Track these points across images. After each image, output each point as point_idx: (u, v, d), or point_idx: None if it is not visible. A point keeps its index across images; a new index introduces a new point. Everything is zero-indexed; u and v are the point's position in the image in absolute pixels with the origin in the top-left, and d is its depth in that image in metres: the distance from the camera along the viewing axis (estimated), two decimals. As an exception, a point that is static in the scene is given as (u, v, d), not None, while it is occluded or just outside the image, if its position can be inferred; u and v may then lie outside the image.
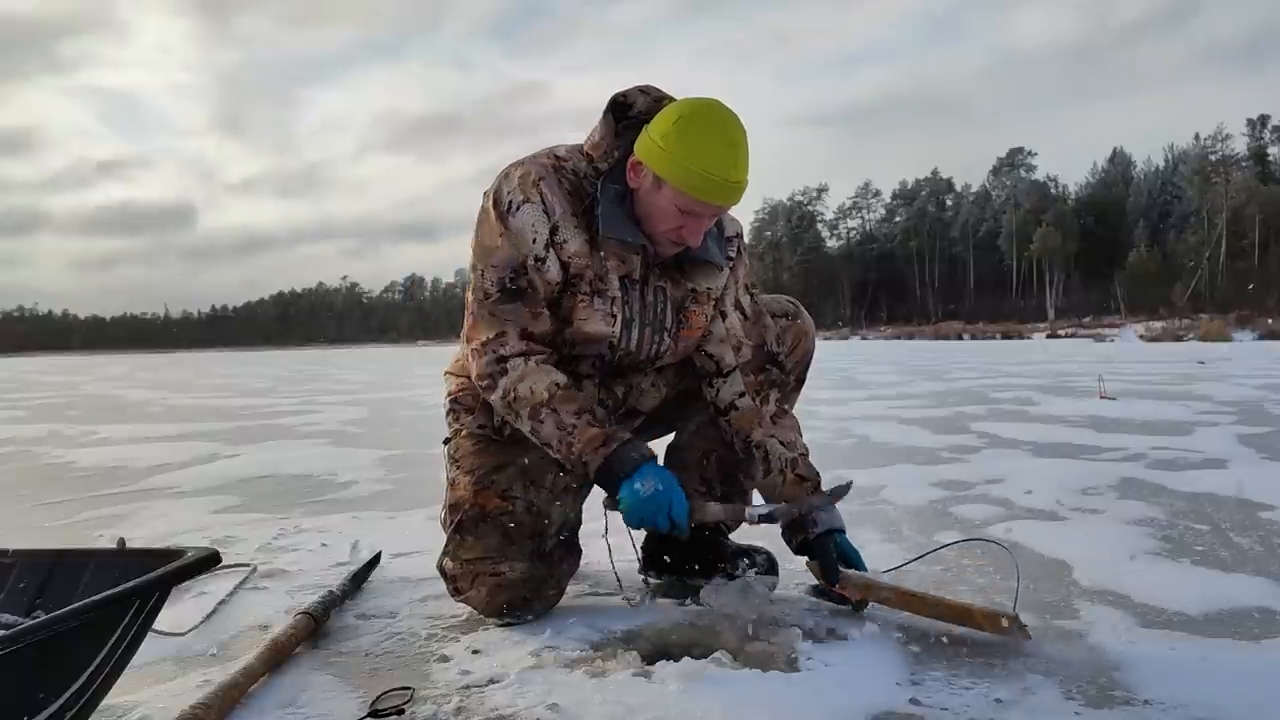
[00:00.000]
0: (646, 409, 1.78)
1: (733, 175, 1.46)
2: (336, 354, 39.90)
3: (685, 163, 1.44)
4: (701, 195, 1.46)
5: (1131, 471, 3.18)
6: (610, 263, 1.58)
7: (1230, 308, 41.51)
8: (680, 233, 1.53)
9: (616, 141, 1.58)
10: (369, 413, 6.78)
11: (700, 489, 1.82)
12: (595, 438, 1.48)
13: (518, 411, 1.52)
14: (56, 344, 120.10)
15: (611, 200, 1.55)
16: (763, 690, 1.25)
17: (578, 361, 1.64)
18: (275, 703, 1.26)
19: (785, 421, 1.72)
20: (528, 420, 1.52)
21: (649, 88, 1.59)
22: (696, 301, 1.67)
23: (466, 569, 1.58)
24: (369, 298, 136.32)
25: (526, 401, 1.51)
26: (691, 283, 1.66)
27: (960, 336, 43.55)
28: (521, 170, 1.56)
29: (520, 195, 1.53)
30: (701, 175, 1.44)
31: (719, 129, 1.46)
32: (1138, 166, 75.68)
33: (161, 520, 2.68)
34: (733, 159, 1.46)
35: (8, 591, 1.23)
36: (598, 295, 1.58)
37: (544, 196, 1.54)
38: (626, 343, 1.62)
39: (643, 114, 1.57)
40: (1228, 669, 1.34)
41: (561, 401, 1.50)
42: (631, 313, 1.61)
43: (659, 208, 1.51)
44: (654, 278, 1.63)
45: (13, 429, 6.09)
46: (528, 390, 1.51)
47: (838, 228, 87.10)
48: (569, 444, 1.49)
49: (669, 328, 1.66)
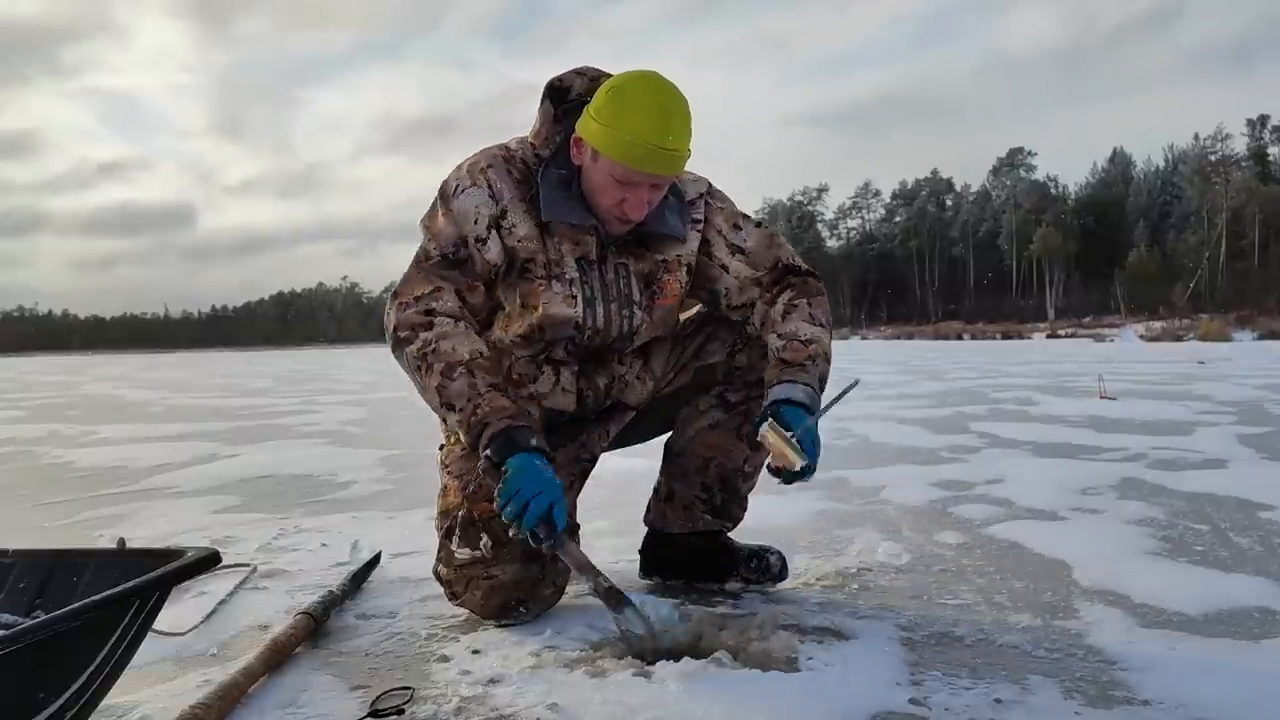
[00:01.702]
0: (634, 403, 1.76)
1: (666, 142, 1.45)
2: (336, 354, 39.91)
3: (617, 132, 1.45)
4: (634, 164, 1.46)
5: (1131, 471, 3.18)
6: (564, 245, 1.58)
7: (1230, 308, 41.51)
8: (623, 207, 1.52)
9: (557, 127, 1.60)
10: (369, 413, 6.78)
11: (700, 496, 1.81)
12: (506, 408, 1.43)
13: (431, 365, 1.45)
14: (56, 344, 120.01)
15: (553, 185, 1.56)
16: (763, 690, 1.25)
17: (551, 347, 1.64)
18: (275, 703, 1.26)
19: (793, 315, 1.62)
20: (438, 375, 1.45)
21: (585, 69, 1.61)
22: (668, 270, 1.66)
23: (460, 574, 1.58)
24: (369, 298, 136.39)
25: (444, 357, 1.45)
26: (659, 255, 1.66)
27: (960, 336, 43.57)
28: (471, 160, 1.60)
29: (468, 180, 1.57)
30: (632, 144, 1.44)
31: (650, 95, 1.47)
32: (1137, 166, 75.74)
33: (161, 520, 2.68)
34: (664, 125, 1.45)
35: (8, 591, 1.23)
36: (555, 279, 1.58)
37: (490, 182, 1.56)
38: (593, 321, 1.62)
39: (581, 96, 1.59)
40: (1228, 669, 1.34)
41: (480, 369, 1.45)
42: (593, 292, 1.61)
43: (599, 183, 1.52)
44: (613, 256, 1.63)
45: (13, 429, 6.09)
46: (450, 347, 1.46)
47: (837, 228, 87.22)
48: (475, 404, 1.42)
49: (638, 301, 1.65)
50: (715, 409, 1.77)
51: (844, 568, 1.95)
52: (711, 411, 1.78)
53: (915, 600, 1.71)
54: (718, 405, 1.77)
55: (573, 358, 1.67)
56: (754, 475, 1.82)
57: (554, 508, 1.37)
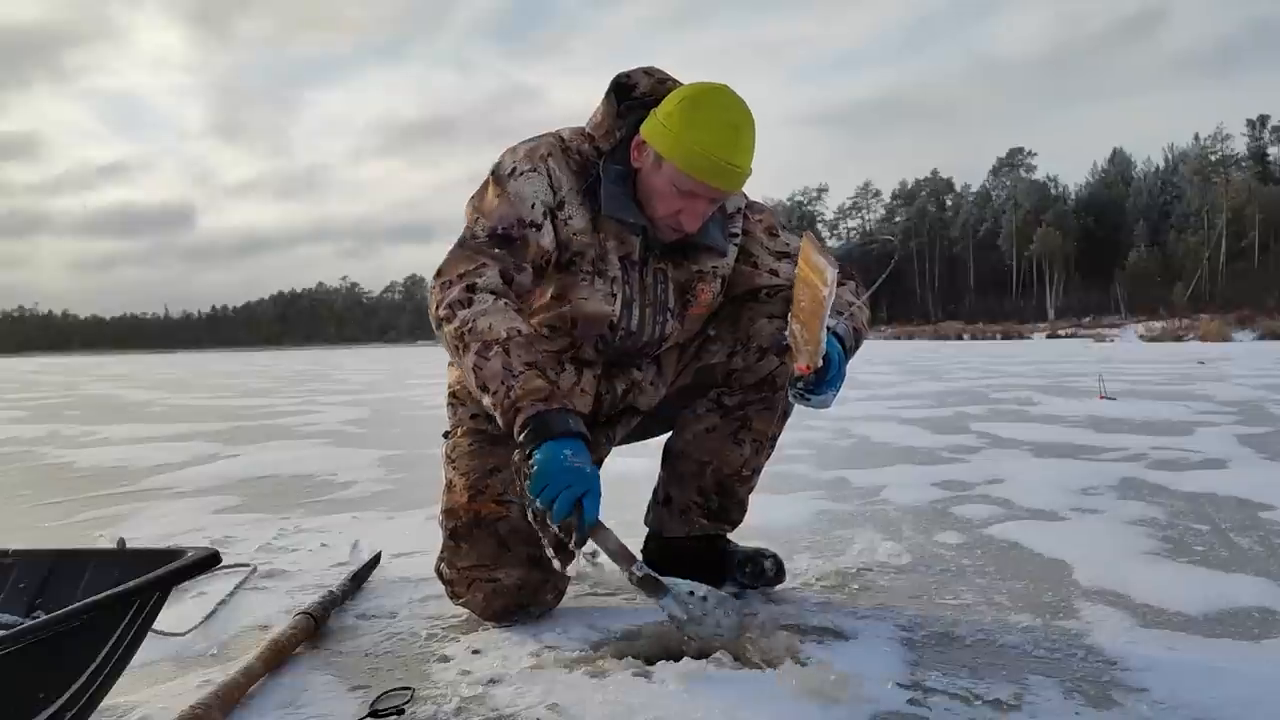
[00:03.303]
0: (644, 407, 1.77)
1: (733, 158, 1.45)
2: (336, 354, 39.91)
3: (685, 142, 1.44)
4: (699, 175, 1.45)
5: (1131, 471, 3.18)
6: (610, 243, 1.57)
7: (1230, 308, 41.49)
8: (679, 217, 1.52)
9: (619, 123, 1.58)
10: (369, 413, 6.78)
11: (697, 501, 1.80)
12: (540, 389, 1.35)
13: (468, 344, 1.39)
14: (57, 344, 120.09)
15: (613, 180, 1.55)
16: (763, 690, 1.25)
17: (580, 345, 1.64)
18: (275, 703, 1.26)
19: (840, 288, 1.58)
20: (473, 355, 1.38)
21: (653, 69, 1.60)
22: (703, 281, 1.66)
23: (462, 575, 1.58)
24: (369, 298, 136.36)
25: (480, 335, 1.38)
26: (696, 265, 1.66)
27: (960, 336, 43.55)
28: (529, 145, 1.57)
29: (526, 164, 1.53)
30: (700, 155, 1.44)
31: (722, 111, 1.46)
32: (1137, 166, 75.73)
33: (161, 520, 2.67)
34: (733, 141, 1.45)
35: (8, 591, 1.23)
36: (599, 275, 1.57)
37: (551, 171, 1.54)
38: (628, 323, 1.62)
39: (646, 95, 1.57)
40: (1228, 669, 1.34)
41: (517, 346, 1.38)
42: (632, 293, 1.61)
43: (658, 189, 1.51)
44: (654, 260, 1.62)
45: (13, 429, 6.09)
46: (486, 325, 1.39)
47: (838, 228, 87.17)
48: (509, 386, 1.35)
49: (672, 308, 1.65)
50: (712, 413, 1.77)
51: (844, 568, 1.95)
52: (708, 415, 1.77)
53: (915, 600, 1.71)
54: (714, 409, 1.77)
55: (599, 359, 1.66)
56: (752, 478, 1.82)
57: (585, 498, 1.30)
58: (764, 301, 1.72)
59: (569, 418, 1.34)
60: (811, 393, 1.44)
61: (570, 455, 1.30)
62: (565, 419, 1.34)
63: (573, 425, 1.34)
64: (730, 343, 1.73)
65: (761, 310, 1.72)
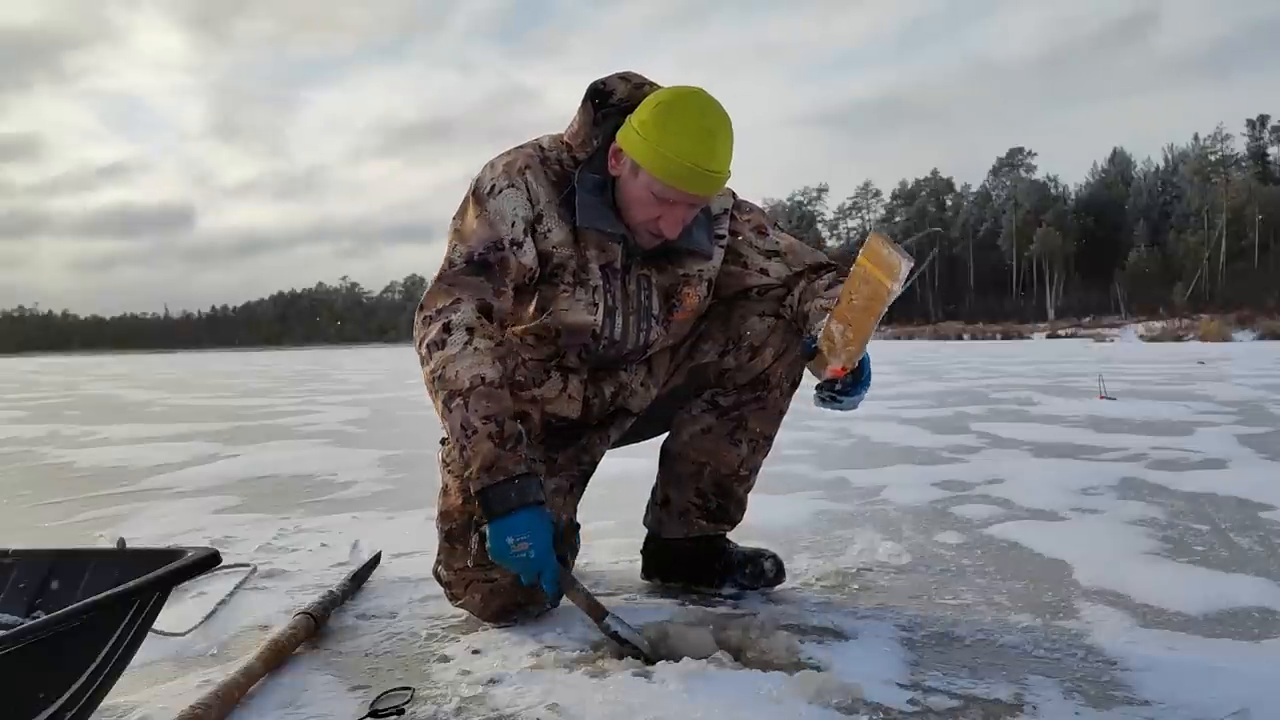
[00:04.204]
0: (636, 409, 1.77)
1: (710, 164, 1.44)
2: (336, 354, 39.91)
3: (661, 149, 1.43)
4: (676, 183, 1.44)
5: (1131, 471, 3.18)
6: (590, 252, 1.57)
7: (1230, 308, 41.49)
8: (659, 224, 1.51)
9: (596, 130, 1.56)
10: (369, 413, 6.78)
11: (695, 502, 1.80)
12: (487, 456, 1.38)
13: (437, 391, 1.43)
14: (57, 344, 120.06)
15: (590, 189, 1.54)
16: (763, 690, 1.25)
17: (564, 353, 1.64)
18: (275, 703, 1.26)
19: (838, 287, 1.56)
20: (441, 403, 1.42)
21: (630, 74, 1.57)
22: (689, 284, 1.66)
23: (459, 576, 1.58)
24: (369, 298, 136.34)
25: (448, 385, 1.41)
26: (681, 269, 1.65)
27: (960, 336, 43.54)
28: (507, 159, 1.56)
29: (504, 180, 1.53)
30: (676, 163, 1.42)
31: (697, 116, 1.45)
32: (1137, 166, 75.74)
33: (161, 520, 2.67)
34: (709, 148, 1.44)
35: (8, 591, 1.23)
36: (580, 285, 1.57)
37: (529, 184, 1.53)
38: (610, 331, 1.61)
39: (623, 101, 1.55)
40: (1228, 669, 1.34)
41: (477, 398, 1.39)
42: (614, 301, 1.60)
43: (637, 196, 1.50)
44: (636, 266, 1.62)
45: (13, 429, 6.09)
46: (453, 374, 1.41)
47: (838, 228, 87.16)
48: (463, 447, 1.40)
49: (657, 315, 1.64)
50: (707, 413, 1.76)
51: (844, 568, 1.95)
52: (704, 416, 1.77)
53: (915, 600, 1.71)
54: (710, 410, 1.76)
55: (583, 365, 1.66)
56: (750, 477, 1.82)
57: (541, 577, 1.40)
58: (755, 300, 1.72)
59: (511, 489, 1.37)
60: (844, 395, 1.45)
61: (513, 543, 1.37)
62: (508, 492, 1.37)
63: (515, 498, 1.37)
64: (722, 342, 1.73)
65: (752, 309, 1.71)
